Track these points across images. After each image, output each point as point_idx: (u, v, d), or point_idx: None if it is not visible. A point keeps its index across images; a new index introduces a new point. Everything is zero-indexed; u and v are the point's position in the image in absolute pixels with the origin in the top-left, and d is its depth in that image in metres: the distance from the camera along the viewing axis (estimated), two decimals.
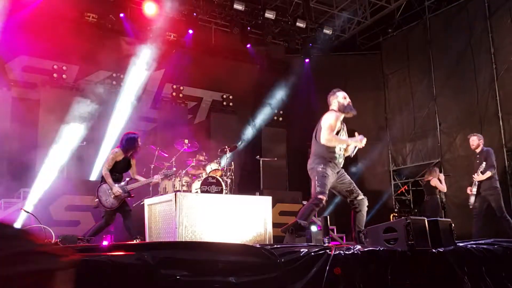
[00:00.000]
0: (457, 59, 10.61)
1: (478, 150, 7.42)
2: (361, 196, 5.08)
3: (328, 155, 4.99)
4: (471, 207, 7.32)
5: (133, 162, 6.41)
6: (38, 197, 7.88)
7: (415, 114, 11.73)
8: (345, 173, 5.13)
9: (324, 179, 4.86)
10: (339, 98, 5.21)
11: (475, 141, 7.44)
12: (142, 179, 6.38)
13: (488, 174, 7.09)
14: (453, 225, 4.30)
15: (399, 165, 12.25)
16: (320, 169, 4.89)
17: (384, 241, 3.84)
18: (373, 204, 11.44)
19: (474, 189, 7.24)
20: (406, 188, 12.15)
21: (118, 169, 6.23)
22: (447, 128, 10.94)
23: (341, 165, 5.12)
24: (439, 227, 4.09)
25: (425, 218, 4.05)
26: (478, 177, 7.18)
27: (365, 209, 5.07)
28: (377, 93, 12.61)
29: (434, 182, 8.51)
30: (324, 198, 4.84)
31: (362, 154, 12.55)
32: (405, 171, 12.22)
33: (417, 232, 3.76)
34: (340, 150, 5.08)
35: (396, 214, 11.37)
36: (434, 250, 3.79)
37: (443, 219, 4.60)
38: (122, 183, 6.16)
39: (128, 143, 6.25)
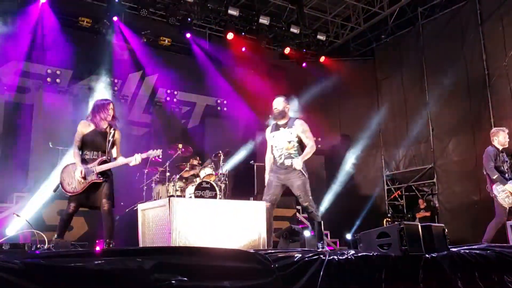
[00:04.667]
0: (450, 65, 10.70)
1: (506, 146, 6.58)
2: (310, 209, 5.19)
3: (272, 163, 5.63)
4: None
5: (116, 137, 5.13)
6: (31, 201, 7.83)
7: (408, 120, 11.81)
8: (296, 180, 5.23)
9: (267, 183, 5.58)
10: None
11: (507, 137, 6.52)
12: (122, 159, 5.06)
13: None
14: (446, 230, 4.33)
15: (392, 171, 12.30)
16: None
17: (377, 246, 3.86)
18: (366, 209, 11.51)
19: None
20: (399, 193, 12.20)
21: (90, 146, 4.97)
22: (440, 134, 11.01)
23: (286, 166, 5.32)
24: (433, 232, 4.11)
25: (419, 224, 4.08)
26: None
27: (313, 222, 5.19)
28: (370, 98, 12.67)
29: None
30: (264, 202, 5.27)
31: (356, 159, 12.61)
32: (398, 177, 12.27)
33: (411, 237, 3.78)
34: (278, 152, 5.44)
35: (389, 219, 11.41)
36: (427, 255, 3.81)
37: (437, 224, 4.62)
38: (92, 164, 4.90)
39: (97, 110, 5.02)
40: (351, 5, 11.76)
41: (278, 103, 5.59)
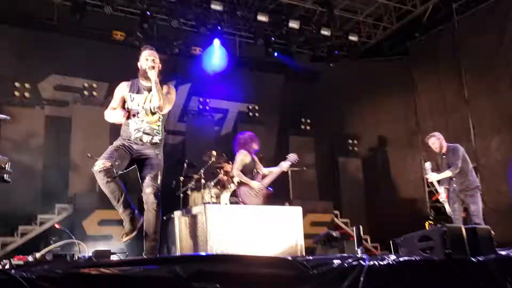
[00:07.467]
0: (489, 60, 10.32)
1: (444, 151, 6.98)
2: (148, 190, 4.08)
3: (123, 132, 4.43)
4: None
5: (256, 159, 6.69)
6: (72, 212, 8.04)
7: (447, 118, 11.43)
8: (153, 158, 4.24)
9: (111, 149, 4.30)
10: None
11: (436, 143, 7.01)
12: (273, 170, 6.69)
13: (448, 173, 6.72)
14: (493, 232, 4.15)
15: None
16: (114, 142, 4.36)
17: (419, 250, 3.74)
18: (407, 212, 11.20)
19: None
20: None
21: (249, 173, 6.58)
22: (481, 132, 10.61)
23: (143, 142, 4.29)
24: (478, 234, 3.95)
25: (462, 226, 3.94)
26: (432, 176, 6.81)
27: (151, 207, 4.06)
28: (407, 98, 12.37)
29: None
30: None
31: (395, 161, 12.33)
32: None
33: (454, 240, 3.65)
34: (136, 125, 4.27)
35: (431, 222, 11.06)
36: (473, 259, 3.65)
37: (482, 226, 4.44)
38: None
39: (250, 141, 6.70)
40: (382, 4, 11.55)
41: (154, 55, 4.36)
